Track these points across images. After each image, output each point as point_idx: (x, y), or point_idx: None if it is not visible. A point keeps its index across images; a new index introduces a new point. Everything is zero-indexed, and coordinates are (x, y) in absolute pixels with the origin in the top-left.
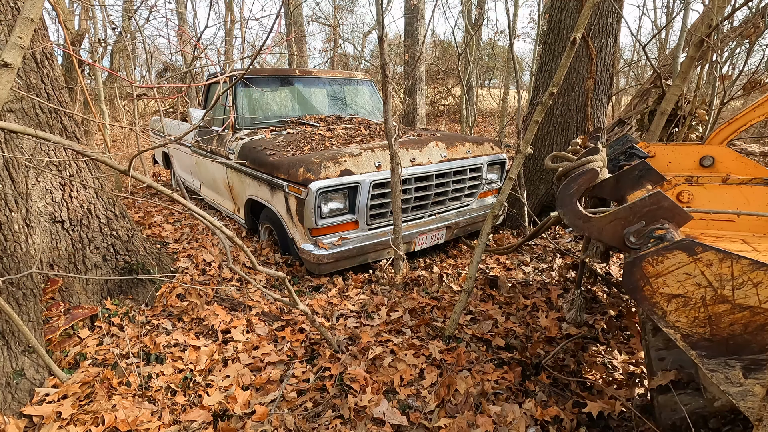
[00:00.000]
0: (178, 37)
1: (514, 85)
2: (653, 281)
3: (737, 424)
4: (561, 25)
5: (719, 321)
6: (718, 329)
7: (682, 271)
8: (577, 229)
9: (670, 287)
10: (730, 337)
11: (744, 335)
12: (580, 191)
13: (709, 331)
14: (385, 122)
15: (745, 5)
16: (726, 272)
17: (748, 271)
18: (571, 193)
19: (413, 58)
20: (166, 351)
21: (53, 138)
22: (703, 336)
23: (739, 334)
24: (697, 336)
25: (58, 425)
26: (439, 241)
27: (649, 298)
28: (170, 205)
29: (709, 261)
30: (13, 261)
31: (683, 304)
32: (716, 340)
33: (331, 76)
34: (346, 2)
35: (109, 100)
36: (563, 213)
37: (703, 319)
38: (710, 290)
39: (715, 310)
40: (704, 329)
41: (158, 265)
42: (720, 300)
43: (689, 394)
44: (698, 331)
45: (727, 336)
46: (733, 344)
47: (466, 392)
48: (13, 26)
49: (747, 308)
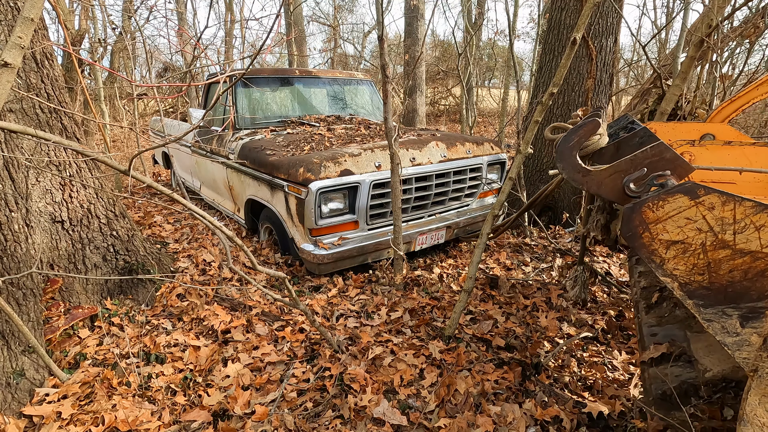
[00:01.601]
0: (178, 37)
1: (514, 85)
2: (652, 227)
3: (728, 391)
4: (561, 25)
5: (718, 268)
6: (717, 276)
7: (682, 215)
8: (576, 183)
9: (670, 233)
10: (728, 284)
11: (743, 282)
12: (580, 143)
13: (708, 279)
14: (385, 122)
15: (745, 5)
16: (728, 216)
17: (750, 214)
18: (571, 146)
19: (413, 58)
20: (166, 351)
21: (53, 138)
22: (702, 284)
23: (739, 281)
24: (695, 284)
25: (58, 425)
26: (439, 241)
27: (647, 246)
28: (170, 205)
29: (711, 204)
30: (13, 261)
31: (682, 250)
32: (714, 288)
33: (331, 76)
34: (346, 2)
35: (109, 100)
36: (562, 167)
37: (702, 266)
38: (711, 235)
39: (714, 257)
40: (703, 277)
41: (158, 265)
42: (720, 245)
43: (680, 366)
44: (696, 279)
45: (725, 283)
46: (731, 292)
47: (466, 392)
48: (13, 26)
49: (747, 253)
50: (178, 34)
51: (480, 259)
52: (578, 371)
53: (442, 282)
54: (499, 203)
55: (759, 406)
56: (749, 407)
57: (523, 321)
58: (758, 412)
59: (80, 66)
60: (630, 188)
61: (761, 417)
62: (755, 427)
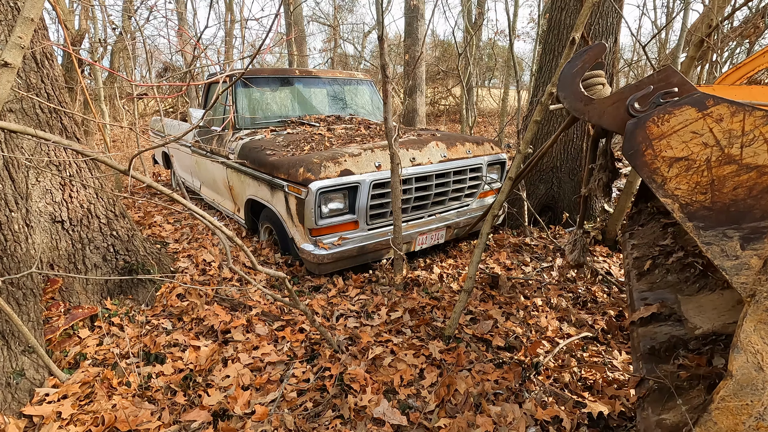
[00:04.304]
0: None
1: (514, 85)
2: (656, 144)
3: (718, 344)
4: (561, 25)
5: (722, 185)
6: (720, 195)
7: (689, 129)
8: (578, 113)
9: (674, 149)
10: (731, 203)
11: (747, 200)
12: (584, 69)
13: (710, 198)
14: (385, 122)
15: (745, 5)
16: (736, 127)
17: (760, 125)
18: (575, 72)
19: (413, 58)
20: (166, 351)
21: (53, 138)
22: (703, 204)
23: (742, 199)
24: (697, 204)
25: (58, 425)
26: (439, 241)
27: (649, 164)
28: (170, 205)
29: (720, 115)
30: (13, 261)
31: (685, 168)
32: (716, 207)
33: (331, 76)
34: (346, 2)
35: (109, 100)
36: (564, 95)
37: (705, 184)
38: (717, 150)
39: (719, 173)
40: (705, 196)
41: (158, 265)
42: (726, 161)
43: (670, 325)
44: (698, 199)
45: (728, 202)
46: (734, 211)
47: (466, 392)
48: (13, 26)
49: (754, 168)
50: (178, 34)
51: (480, 259)
52: (578, 371)
53: (442, 282)
54: (499, 203)
55: (754, 332)
56: (744, 334)
57: (523, 321)
58: (753, 339)
59: (80, 66)
60: (634, 107)
61: (755, 344)
62: (748, 354)
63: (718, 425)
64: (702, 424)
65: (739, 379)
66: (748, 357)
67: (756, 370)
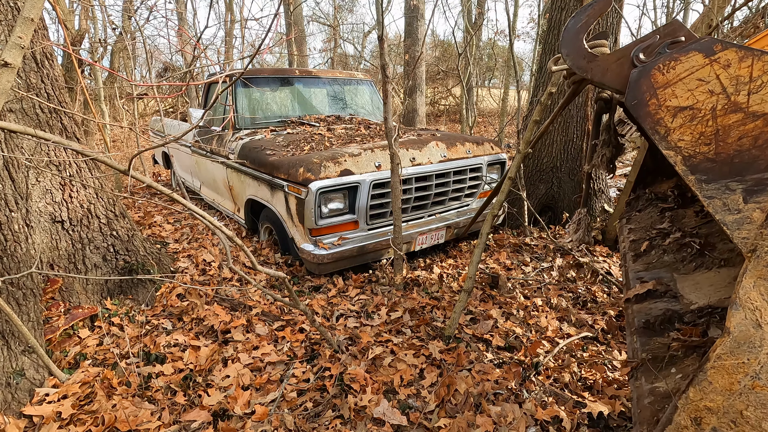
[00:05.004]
0: (178, 37)
1: (514, 85)
2: (660, 92)
3: (714, 316)
4: (561, 25)
5: (727, 135)
6: (725, 146)
7: (695, 76)
8: (581, 71)
9: (679, 98)
10: (736, 154)
11: (752, 150)
12: (588, 24)
13: (714, 149)
14: (385, 122)
15: (745, 5)
16: (744, 73)
17: None
18: (578, 27)
19: (413, 58)
20: (166, 351)
21: (53, 138)
22: (707, 156)
23: (747, 150)
24: (700, 156)
25: (58, 425)
26: (439, 241)
27: (653, 114)
28: (170, 205)
29: (728, 61)
30: (13, 261)
31: (690, 118)
32: (720, 159)
33: (331, 76)
34: (346, 2)
35: (109, 100)
36: (566, 53)
37: (709, 134)
38: (723, 98)
39: (724, 122)
40: (709, 147)
41: (158, 265)
42: (732, 109)
43: (665, 301)
44: (701, 150)
45: (733, 153)
46: (738, 162)
47: (466, 392)
48: (13, 26)
49: (761, 116)
50: (178, 34)
51: (480, 259)
52: (578, 371)
53: (442, 282)
54: (498, 203)
55: (753, 289)
56: (743, 290)
57: (523, 321)
58: (752, 295)
59: (80, 66)
60: (639, 58)
61: (754, 300)
62: (747, 311)
63: (713, 384)
64: (696, 384)
65: (736, 336)
66: (746, 313)
67: (754, 327)
